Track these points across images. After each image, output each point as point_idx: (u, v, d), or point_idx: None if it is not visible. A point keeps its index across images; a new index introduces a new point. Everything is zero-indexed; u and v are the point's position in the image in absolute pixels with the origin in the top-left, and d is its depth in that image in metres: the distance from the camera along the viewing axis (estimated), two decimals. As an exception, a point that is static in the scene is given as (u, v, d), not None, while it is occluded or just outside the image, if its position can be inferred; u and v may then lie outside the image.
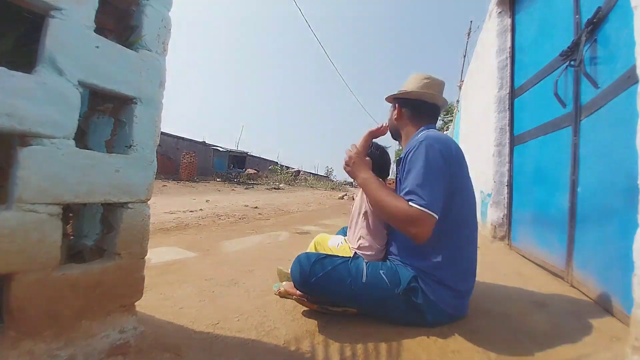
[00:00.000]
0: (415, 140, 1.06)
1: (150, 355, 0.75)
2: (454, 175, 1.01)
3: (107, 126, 0.92)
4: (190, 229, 2.95)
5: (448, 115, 15.14)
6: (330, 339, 0.93)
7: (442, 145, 1.01)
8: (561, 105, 1.66)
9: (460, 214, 1.04)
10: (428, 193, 0.93)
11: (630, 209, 0.90)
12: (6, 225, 0.56)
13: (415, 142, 1.05)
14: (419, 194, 0.93)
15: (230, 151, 16.83)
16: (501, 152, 2.50)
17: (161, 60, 0.82)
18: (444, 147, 1.01)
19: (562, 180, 1.61)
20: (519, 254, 2.11)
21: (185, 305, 1.11)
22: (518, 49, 2.45)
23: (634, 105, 0.83)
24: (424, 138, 1.03)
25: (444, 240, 1.00)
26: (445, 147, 1.02)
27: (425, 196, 0.93)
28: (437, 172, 0.97)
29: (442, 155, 0.99)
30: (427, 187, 0.94)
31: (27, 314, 0.60)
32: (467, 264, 1.06)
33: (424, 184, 0.95)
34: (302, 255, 1.07)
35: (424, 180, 0.95)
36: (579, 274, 1.41)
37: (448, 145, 1.04)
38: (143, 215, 0.79)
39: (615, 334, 0.98)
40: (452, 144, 1.07)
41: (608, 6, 1.28)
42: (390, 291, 0.98)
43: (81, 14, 0.65)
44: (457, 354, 0.87)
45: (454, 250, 1.02)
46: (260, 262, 1.79)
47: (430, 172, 0.96)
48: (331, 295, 1.03)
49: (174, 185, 9.69)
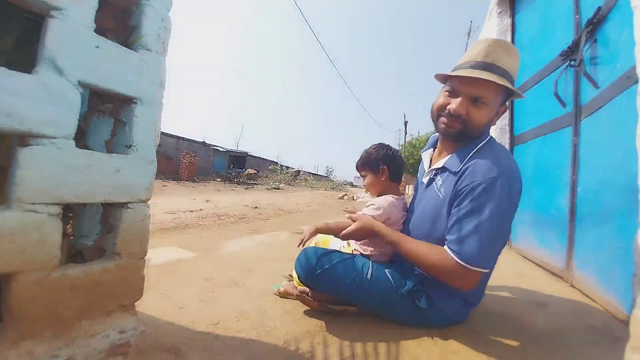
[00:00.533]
0: (487, 166, 0.84)
1: (150, 355, 0.75)
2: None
3: (107, 126, 0.92)
4: (190, 229, 2.95)
5: (448, 115, 15.10)
6: (330, 338, 0.93)
7: (517, 181, 0.85)
8: (561, 105, 1.66)
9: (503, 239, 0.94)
10: (487, 250, 0.81)
11: (630, 209, 0.90)
12: (6, 225, 0.56)
13: (487, 170, 0.83)
14: (472, 249, 0.80)
15: (230, 151, 16.83)
16: (501, 152, 2.50)
17: (161, 60, 0.82)
18: (519, 183, 0.85)
19: (562, 180, 1.61)
20: (519, 254, 2.11)
21: (185, 305, 1.11)
22: (518, 49, 2.45)
23: (634, 105, 0.83)
24: (499, 173, 0.82)
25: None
26: (519, 182, 0.86)
27: (481, 254, 0.80)
28: (507, 222, 0.83)
29: (517, 196, 0.84)
30: (487, 242, 0.80)
31: (27, 314, 0.60)
32: (484, 281, 1.00)
33: (483, 238, 0.79)
34: (310, 249, 1.07)
35: (486, 233, 0.79)
36: (579, 274, 1.41)
37: (519, 176, 0.87)
38: (143, 215, 0.79)
39: (615, 334, 0.98)
40: (520, 173, 0.90)
41: (608, 6, 1.28)
42: (394, 291, 0.97)
43: (81, 14, 0.65)
44: (457, 354, 0.87)
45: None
46: (260, 262, 1.79)
47: (499, 224, 0.81)
48: (334, 288, 1.02)
49: (174, 185, 9.70)
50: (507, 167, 0.85)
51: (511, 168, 0.86)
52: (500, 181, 0.81)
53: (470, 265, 0.81)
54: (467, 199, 0.83)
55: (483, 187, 0.81)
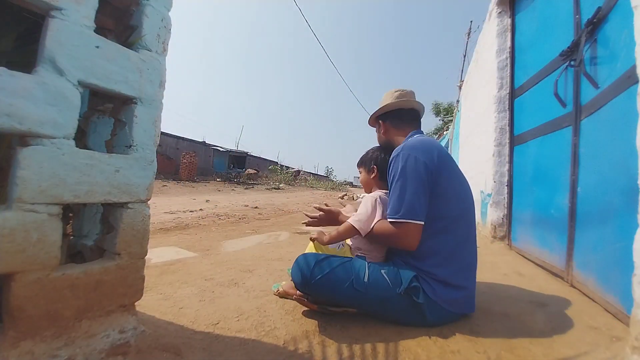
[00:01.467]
0: (394, 152, 1.10)
1: (150, 355, 0.75)
2: (440, 176, 1.03)
3: (107, 126, 0.92)
4: (190, 229, 2.95)
5: (448, 115, 15.15)
6: (329, 339, 0.93)
7: (419, 151, 1.04)
8: (561, 105, 1.66)
9: (456, 212, 1.06)
10: (406, 202, 0.99)
11: (630, 209, 0.90)
12: (6, 225, 0.56)
13: (393, 153, 1.10)
14: (395, 207, 1.01)
15: (230, 151, 16.84)
16: (501, 152, 2.50)
17: (161, 60, 0.82)
18: (422, 153, 1.04)
19: (562, 180, 1.61)
20: (519, 254, 2.11)
21: (185, 305, 1.11)
22: (518, 49, 2.45)
23: (634, 105, 0.83)
24: (400, 148, 1.08)
25: (441, 239, 1.03)
26: (424, 152, 1.04)
27: (402, 207, 0.99)
28: (414, 180, 1.00)
29: (419, 161, 1.02)
30: (404, 197, 1.00)
31: (27, 314, 0.60)
32: (467, 260, 1.07)
33: (400, 195, 1.01)
34: (301, 258, 1.07)
35: (400, 191, 1.01)
36: (579, 274, 1.41)
37: (427, 149, 1.06)
38: (143, 215, 0.79)
39: (615, 334, 0.98)
40: (433, 147, 1.09)
41: (608, 6, 1.28)
42: (392, 291, 0.98)
43: (81, 14, 0.65)
44: (457, 354, 0.87)
45: (452, 248, 1.03)
46: (260, 262, 1.79)
47: (407, 182, 1.01)
48: (332, 295, 1.03)
49: (174, 185, 9.70)
50: (405, 145, 1.08)
51: (409, 144, 1.08)
52: (399, 155, 1.06)
53: (394, 218, 1.01)
54: (389, 177, 1.09)
55: (391, 165, 1.09)
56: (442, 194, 1.03)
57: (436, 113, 17.59)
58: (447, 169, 1.07)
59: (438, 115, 17.41)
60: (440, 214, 1.03)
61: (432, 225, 1.01)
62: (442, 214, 1.03)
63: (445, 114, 15.99)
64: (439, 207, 1.03)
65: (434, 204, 1.02)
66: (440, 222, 1.03)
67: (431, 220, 1.01)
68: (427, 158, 1.03)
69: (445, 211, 1.04)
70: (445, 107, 16.45)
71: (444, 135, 9.68)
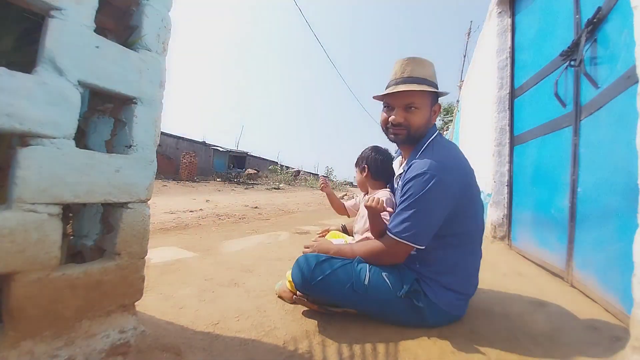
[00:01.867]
0: (421, 164, 0.97)
1: (150, 355, 0.75)
2: (464, 197, 0.98)
3: (107, 126, 0.91)
4: (190, 229, 2.95)
5: (448, 115, 15.15)
6: (329, 339, 0.93)
7: (451, 174, 0.95)
8: (561, 105, 1.66)
9: (470, 229, 1.05)
10: (418, 227, 0.94)
11: (630, 209, 0.90)
12: (6, 225, 0.56)
13: (418, 168, 0.96)
14: (404, 226, 0.95)
15: (230, 151, 16.84)
16: (501, 152, 2.50)
17: (161, 60, 0.82)
18: (453, 176, 0.95)
19: (562, 180, 1.61)
20: (519, 253, 2.11)
21: (185, 305, 1.11)
22: (518, 49, 2.45)
23: (634, 105, 0.83)
24: (427, 167, 0.94)
25: (451, 251, 1.02)
26: (457, 175, 0.97)
27: (412, 229, 0.94)
28: (435, 207, 0.94)
29: (447, 187, 0.94)
30: (418, 220, 0.94)
31: (27, 314, 0.60)
32: (470, 270, 1.07)
33: (413, 215, 0.94)
34: (301, 259, 1.06)
35: (414, 213, 0.94)
36: (579, 274, 1.41)
37: (460, 171, 0.99)
38: (143, 215, 0.79)
39: (615, 334, 0.98)
40: (465, 167, 1.02)
41: (608, 6, 1.28)
42: (392, 294, 0.98)
43: (81, 14, 0.65)
44: (456, 354, 0.87)
45: (459, 258, 1.02)
46: (260, 262, 1.79)
47: (427, 207, 0.94)
48: (332, 297, 1.03)
49: (174, 185, 9.70)
50: (438, 162, 0.95)
51: (443, 163, 0.96)
52: (427, 175, 0.93)
53: (398, 237, 0.95)
54: (402, 194, 0.99)
55: (411, 184, 0.96)
56: (462, 213, 0.99)
57: (436, 113, 17.57)
58: (471, 188, 1.03)
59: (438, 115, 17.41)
60: (456, 231, 1.01)
61: (446, 239, 1.00)
62: (458, 231, 1.01)
63: (445, 114, 15.99)
64: (456, 225, 1.00)
65: (452, 221, 0.98)
66: (454, 238, 1.01)
67: (445, 236, 0.99)
68: (457, 183, 0.96)
69: (461, 228, 1.02)
70: (445, 107, 16.46)
71: (444, 135, 9.68)
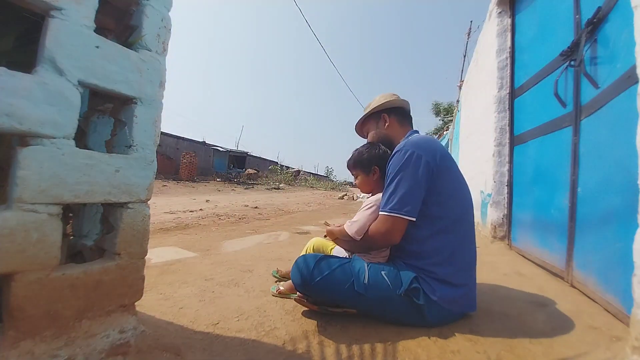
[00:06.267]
0: (398, 147, 1.10)
1: (150, 355, 0.75)
2: (441, 175, 1.04)
3: (107, 126, 0.92)
4: (190, 229, 2.95)
5: (448, 115, 15.15)
6: (329, 339, 0.93)
7: (422, 149, 1.04)
8: (561, 105, 1.66)
9: (456, 212, 1.06)
10: (399, 197, 1.00)
11: (630, 209, 0.90)
12: (6, 225, 0.56)
13: (395, 150, 1.10)
14: (388, 201, 1.02)
15: (230, 151, 16.85)
16: (501, 152, 2.50)
17: (161, 60, 0.82)
18: (425, 151, 1.04)
19: (562, 180, 1.61)
20: (519, 254, 2.11)
21: (185, 305, 1.11)
22: (518, 49, 2.45)
23: (634, 105, 0.83)
24: (403, 145, 1.08)
25: (442, 238, 1.03)
26: (427, 150, 1.04)
27: (394, 201, 1.00)
28: (411, 177, 1.01)
29: (420, 159, 1.02)
30: (398, 192, 1.01)
31: (27, 314, 0.60)
32: (467, 259, 1.08)
33: (394, 190, 1.02)
34: (300, 259, 1.07)
35: (395, 187, 1.02)
36: (579, 274, 1.41)
37: (430, 148, 1.06)
38: (143, 215, 0.79)
39: (615, 334, 0.98)
40: (436, 146, 1.10)
41: (608, 6, 1.28)
42: (392, 292, 0.98)
43: (81, 14, 0.65)
44: (457, 354, 0.87)
45: (453, 247, 1.03)
46: (260, 262, 1.79)
47: (404, 178, 1.01)
48: (332, 297, 1.03)
49: (174, 185, 9.70)
50: (412, 142, 1.08)
51: (416, 142, 1.07)
52: (402, 151, 1.05)
53: (385, 212, 1.02)
54: (387, 176, 1.09)
55: (391, 162, 1.08)
56: (442, 193, 1.04)
57: (436, 113, 17.59)
58: (448, 169, 1.07)
59: (438, 115, 17.41)
60: (440, 214, 1.03)
61: (433, 224, 1.03)
62: (442, 213, 1.04)
63: (445, 114, 15.99)
64: (439, 207, 1.03)
65: (434, 202, 1.03)
66: (441, 221, 1.03)
67: (432, 219, 1.03)
68: (429, 157, 1.03)
69: (446, 211, 1.04)
70: (445, 107, 16.45)
71: (444, 135, 9.68)
